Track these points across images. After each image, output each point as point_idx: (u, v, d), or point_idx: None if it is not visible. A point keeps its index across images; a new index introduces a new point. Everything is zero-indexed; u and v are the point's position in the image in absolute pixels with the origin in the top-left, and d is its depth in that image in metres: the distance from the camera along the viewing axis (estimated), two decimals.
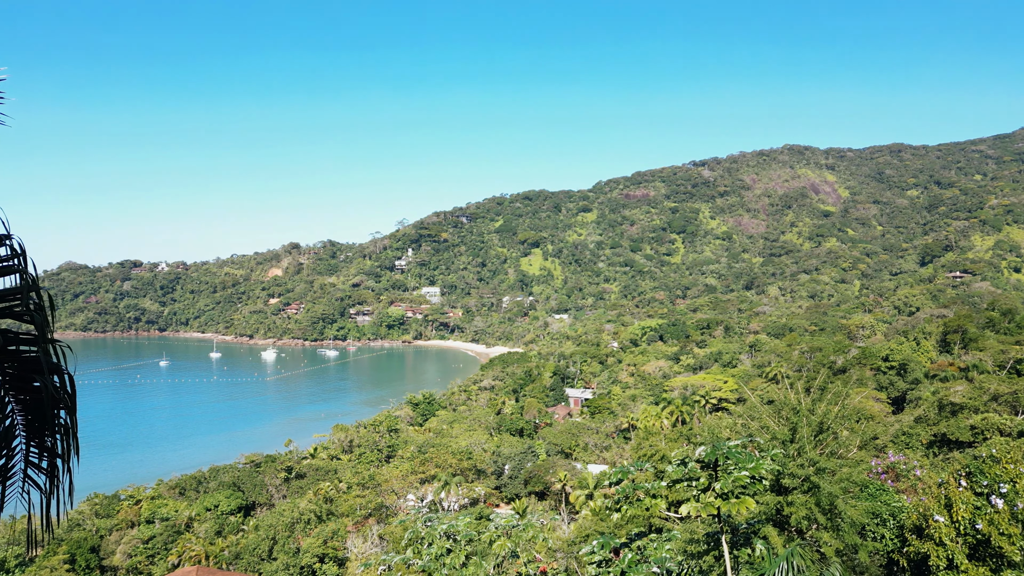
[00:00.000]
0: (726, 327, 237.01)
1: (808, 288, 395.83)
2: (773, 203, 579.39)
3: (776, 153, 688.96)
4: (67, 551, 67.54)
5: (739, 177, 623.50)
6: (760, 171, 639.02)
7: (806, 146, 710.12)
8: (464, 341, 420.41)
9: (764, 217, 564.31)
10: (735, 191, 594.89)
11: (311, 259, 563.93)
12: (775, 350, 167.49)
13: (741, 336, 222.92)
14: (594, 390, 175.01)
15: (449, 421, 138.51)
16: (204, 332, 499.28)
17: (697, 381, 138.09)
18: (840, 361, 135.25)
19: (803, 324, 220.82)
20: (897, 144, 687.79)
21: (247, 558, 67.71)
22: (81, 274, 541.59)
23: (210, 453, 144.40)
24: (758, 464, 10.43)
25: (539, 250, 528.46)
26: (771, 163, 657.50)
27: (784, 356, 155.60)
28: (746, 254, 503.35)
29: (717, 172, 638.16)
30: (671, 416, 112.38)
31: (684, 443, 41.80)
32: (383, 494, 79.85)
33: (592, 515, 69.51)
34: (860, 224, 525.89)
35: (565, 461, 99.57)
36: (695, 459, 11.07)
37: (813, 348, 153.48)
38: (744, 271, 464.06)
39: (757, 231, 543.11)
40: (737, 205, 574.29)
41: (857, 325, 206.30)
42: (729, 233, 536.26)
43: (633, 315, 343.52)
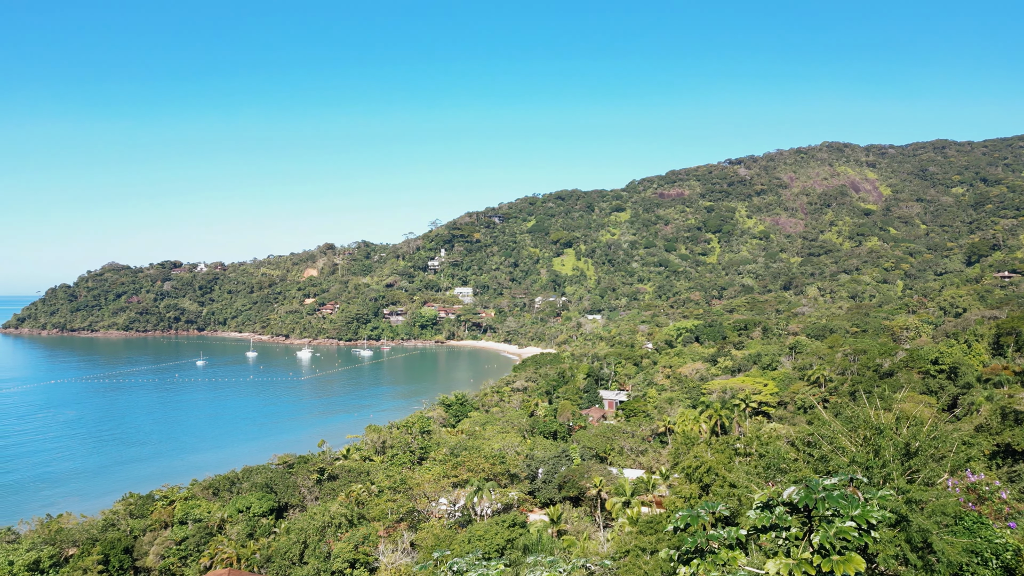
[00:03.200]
0: (764, 328, 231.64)
1: (849, 288, 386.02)
2: (812, 201, 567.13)
3: (814, 151, 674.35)
4: (101, 551, 67.58)
5: (776, 175, 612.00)
6: (798, 169, 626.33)
7: (846, 143, 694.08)
8: (496, 341, 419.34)
9: (802, 216, 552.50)
10: (772, 189, 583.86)
11: (346, 259, 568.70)
12: (817, 352, 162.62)
13: (780, 338, 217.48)
14: (629, 392, 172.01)
15: (482, 423, 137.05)
16: (241, 332, 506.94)
17: (736, 384, 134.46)
18: (886, 364, 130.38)
19: (844, 325, 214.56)
20: (941, 140, 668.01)
21: (278, 561, 66.96)
22: (123, 274, 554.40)
23: (244, 453, 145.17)
24: (866, 511, 8.47)
25: (572, 250, 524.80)
26: (809, 161, 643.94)
27: (826, 358, 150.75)
28: (784, 254, 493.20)
29: (753, 170, 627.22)
30: (710, 420, 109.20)
31: (731, 454, 39.51)
32: (415, 498, 78.55)
33: (630, 524, 67.21)
34: (903, 223, 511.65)
35: (600, 466, 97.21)
36: (782, 500, 9.11)
37: (857, 350, 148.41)
38: (782, 271, 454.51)
39: (795, 230, 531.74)
40: (774, 204, 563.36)
41: (901, 327, 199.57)
42: (766, 232, 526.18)
43: (668, 316, 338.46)
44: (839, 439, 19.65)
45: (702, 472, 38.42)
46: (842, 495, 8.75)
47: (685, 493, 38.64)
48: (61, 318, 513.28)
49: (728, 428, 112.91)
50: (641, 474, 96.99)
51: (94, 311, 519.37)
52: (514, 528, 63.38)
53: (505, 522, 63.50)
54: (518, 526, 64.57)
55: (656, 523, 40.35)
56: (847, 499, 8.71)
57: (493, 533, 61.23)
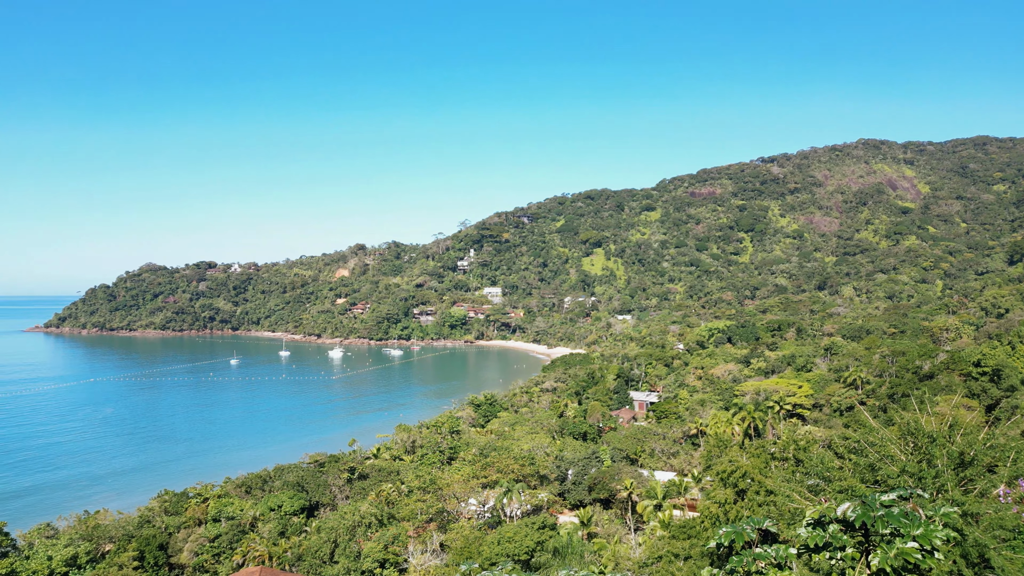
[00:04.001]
0: (798, 329, 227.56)
1: (886, 288, 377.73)
2: (847, 200, 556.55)
3: (850, 148, 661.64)
4: (136, 548, 68.65)
5: (810, 173, 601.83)
6: (833, 167, 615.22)
7: (882, 140, 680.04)
8: (525, 341, 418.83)
9: (837, 214, 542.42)
10: (806, 188, 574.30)
11: (376, 260, 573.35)
12: (853, 354, 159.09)
13: (815, 339, 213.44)
14: (660, 393, 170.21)
15: (511, 423, 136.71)
16: (274, 331, 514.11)
17: (770, 386, 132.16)
18: (926, 366, 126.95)
19: (881, 326, 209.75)
20: (982, 137, 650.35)
21: (309, 560, 67.31)
22: (160, 275, 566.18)
23: (276, 451, 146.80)
24: (928, 530, 7.79)
25: (601, 250, 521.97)
26: (845, 158, 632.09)
27: (863, 360, 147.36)
28: (818, 253, 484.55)
29: (787, 168, 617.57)
30: (743, 423, 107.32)
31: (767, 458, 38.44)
32: (444, 499, 78.42)
33: (662, 527, 66.19)
34: (942, 221, 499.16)
35: (631, 468, 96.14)
36: (836, 517, 8.46)
37: (895, 352, 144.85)
38: (816, 271, 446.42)
39: (830, 229, 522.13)
40: (808, 202, 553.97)
41: (941, 328, 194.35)
42: (800, 231, 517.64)
43: (699, 316, 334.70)
44: (887, 446, 18.65)
45: (737, 476, 37.46)
46: (902, 512, 8.07)
47: (719, 498, 37.74)
48: (100, 317, 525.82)
49: (762, 431, 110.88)
50: (673, 476, 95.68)
51: (132, 311, 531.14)
52: (544, 530, 62.84)
53: (535, 524, 62.99)
54: (548, 528, 64.00)
55: (690, 528, 39.53)
56: (908, 517, 8.02)
57: (523, 535, 60.75)
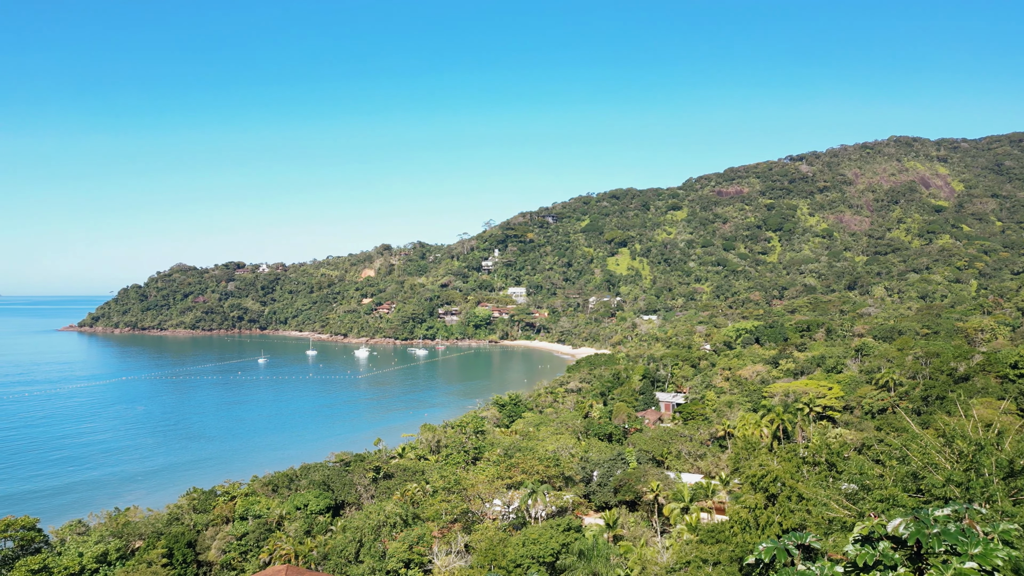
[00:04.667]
0: (828, 329, 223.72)
1: (918, 288, 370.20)
2: (878, 198, 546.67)
3: (881, 145, 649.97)
4: (165, 545, 69.39)
5: (840, 171, 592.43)
6: (863, 165, 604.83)
7: (915, 137, 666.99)
8: (550, 342, 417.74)
9: (868, 213, 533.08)
10: (836, 186, 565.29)
11: (401, 260, 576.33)
12: (885, 355, 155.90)
13: (845, 339, 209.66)
14: (686, 395, 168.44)
15: (535, 423, 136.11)
16: (301, 331, 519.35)
17: (799, 387, 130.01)
18: (961, 368, 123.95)
19: (914, 327, 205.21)
20: (1018, 133, 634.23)
21: (334, 559, 67.50)
22: (190, 275, 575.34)
23: (302, 449, 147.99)
24: (989, 549, 7.21)
25: (626, 249, 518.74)
26: (876, 156, 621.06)
27: (896, 361, 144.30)
28: (848, 252, 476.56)
29: (816, 167, 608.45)
30: (772, 425, 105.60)
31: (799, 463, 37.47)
32: (469, 499, 78.19)
33: (689, 531, 65.26)
34: (976, 220, 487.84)
35: (657, 470, 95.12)
36: (887, 533, 7.87)
37: (929, 353, 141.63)
38: (846, 270, 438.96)
39: (860, 228, 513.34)
40: (838, 201, 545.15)
41: (976, 328, 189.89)
42: (830, 230, 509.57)
43: (727, 316, 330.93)
44: (931, 454, 17.72)
45: (768, 481, 36.57)
46: (960, 530, 7.47)
47: (750, 503, 36.86)
48: (132, 317, 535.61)
49: (791, 433, 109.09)
50: (699, 479, 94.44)
51: (163, 310, 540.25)
52: (569, 532, 62.26)
53: (560, 526, 62.45)
54: (573, 530, 63.42)
55: (719, 533, 38.71)
56: (966, 535, 7.42)
57: (548, 537, 60.24)
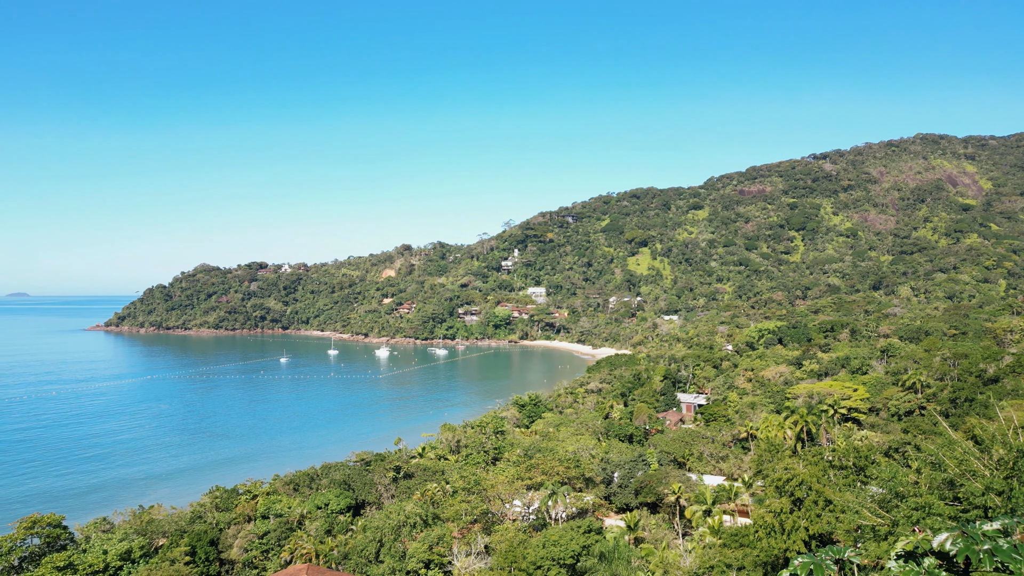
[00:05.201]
0: (852, 330, 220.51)
1: (945, 288, 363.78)
2: (904, 197, 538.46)
3: (907, 143, 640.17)
4: (188, 543, 69.89)
5: (865, 170, 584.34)
6: (889, 163, 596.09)
7: (941, 135, 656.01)
8: (570, 342, 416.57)
9: (893, 212, 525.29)
10: (860, 185, 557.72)
11: (422, 260, 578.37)
12: (912, 356, 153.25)
13: (870, 340, 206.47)
14: (708, 396, 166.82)
15: (555, 424, 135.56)
16: (323, 330, 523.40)
17: (823, 388, 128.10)
18: (991, 369, 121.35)
19: (941, 327, 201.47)
20: None
21: (355, 559, 67.60)
22: (214, 275, 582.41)
23: (323, 448, 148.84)
24: None
25: (647, 249, 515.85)
26: (901, 154, 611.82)
27: (923, 363, 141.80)
28: (873, 252, 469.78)
29: (840, 165, 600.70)
30: (795, 427, 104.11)
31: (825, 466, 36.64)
32: (489, 500, 77.95)
33: (711, 533, 64.42)
34: (1005, 218, 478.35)
35: (679, 471, 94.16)
36: (932, 549, 7.42)
37: (957, 354, 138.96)
38: (871, 270, 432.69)
39: (885, 227, 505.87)
40: (863, 200, 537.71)
41: (1005, 329, 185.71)
42: (854, 229, 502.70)
43: (749, 317, 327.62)
44: (969, 460, 16.97)
45: (794, 485, 35.78)
46: (1012, 546, 6.97)
47: (775, 507, 36.09)
48: (157, 316, 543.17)
49: (815, 435, 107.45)
50: (722, 481, 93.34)
51: (187, 310, 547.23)
52: (590, 534, 61.76)
53: (581, 528, 61.98)
54: (594, 532, 62.90)
55: (742, 536, 38.01)
56: (1019, 552, 6.91)
57: (568, 539, 59.78)
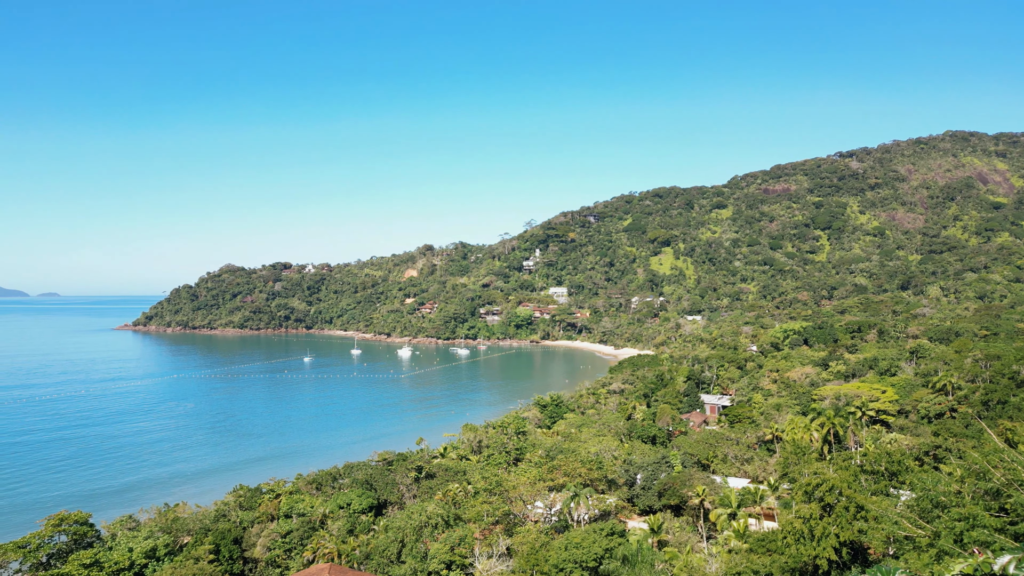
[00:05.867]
0: (880, 331, 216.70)
1: (976, 288, 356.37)
2: (933, 195, 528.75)
3: (936, 141, 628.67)
4: (212, 541, 70.44)
5: (893, 168, 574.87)
6: (917, 161, 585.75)
7: (971, 132, 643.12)
8: (592, 342, 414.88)
9: (922, 211, 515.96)
10: (888, 183, 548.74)
11: (444, 260, 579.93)
12: (942, 357, 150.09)
13: (898, 341, 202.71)
14: (732, 397, 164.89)
15: (577, 425, 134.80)
16: (346, 330, 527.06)
17: (851, 390, 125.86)
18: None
19: (972, 328, 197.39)
20: None
21: (377, 559, 67.60)
22: (239, 275, 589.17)
23: (346, 448, 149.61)
24: None
25: (670, 249, 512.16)
26: (930, 152, 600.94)
27: (953, 364, 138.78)
28: (901, 251, 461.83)
29: (867, 163, 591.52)
30: (822, 429, 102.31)
31: (856, 471, 35.62)
32: (510, 501, 77.54)
33: (736, 537, 63.41)
34: None
35: (703, 473, 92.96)
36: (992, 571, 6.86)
37: (989, 356, 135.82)
38: (899, 269, 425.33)
39: (914, 226, 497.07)
40: (890, 198, 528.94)
41: None
42: (881, 228, 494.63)
43: (774, 317, 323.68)
44: (1016, 469, 16.15)
45: (824, 490, 34.87)
46: None
47: (804, 513, 35.20)
48: (184, 316, 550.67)
49: (842, 438, 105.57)
50: (746, 483, 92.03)
51: (213, 310, 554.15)
52: (613, 537, 61.07)
53: (603, 530, 61.31)
54: (617, 535, 62.20)
55: (770, 542, 37.13)
56: None
57: (591, 541, 59.17)
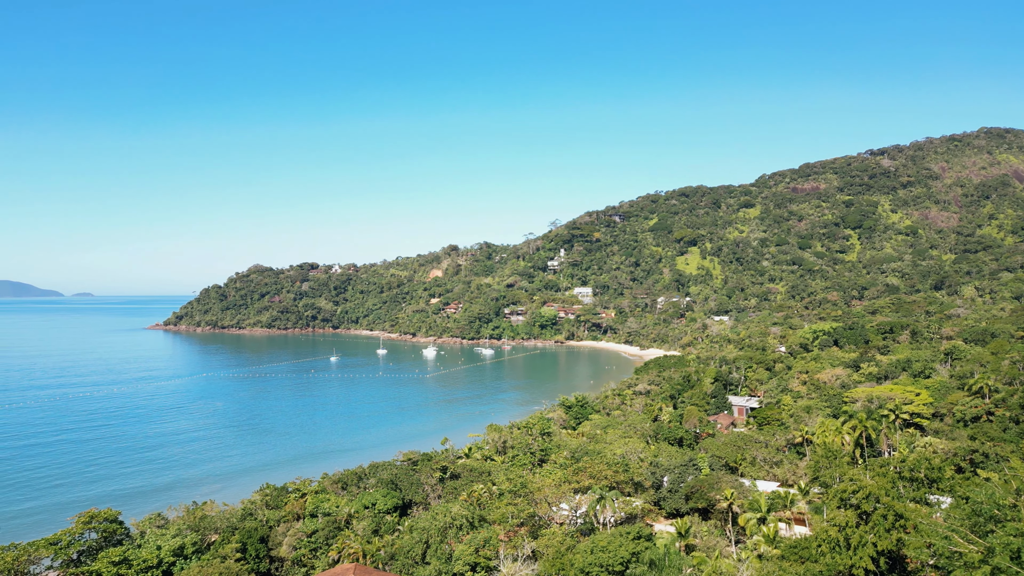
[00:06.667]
0: (913, 331, 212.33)
1: (1012, 288, 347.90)
2: (967, 193, 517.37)
3: (970, 138, 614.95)
4: (239, 540, 70.92)
5: (925, 165, 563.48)
6: (951, 158, 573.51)
7: (1007, 128, 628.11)
8: (617, 342, 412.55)
9: (956, 209, 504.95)
10: (921, 181, 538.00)
11: (468, 260, 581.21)
12: (979, 359, 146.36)
13: (932, 342, 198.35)
14: (760, 399, 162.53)
15: (603, 426, 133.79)
16: (372, 330, 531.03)
17: (883, 392, 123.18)
18: None
19: (1009, 329, 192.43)
20: None
21: (401, 560, 67.50)
22: (267, 275, 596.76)
23: (371, 447, 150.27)
24: None
25: (696, 248, 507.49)
26: (964, 149, 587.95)
27: (990, 366, 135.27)
28: (935, 250, 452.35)
29: (899, 161, 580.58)
30: (854, 432, 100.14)
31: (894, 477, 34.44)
32: (535, 503, 77.00)
33: (766, 542, 62.16)
34: None
35: (731, 476, 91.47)
36: None
37: None
38: (932, 269, 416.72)
39: (947, 225, 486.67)
40: (923, 196, 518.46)
41: None
42: (914, 227, 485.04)
43: (802, 317, 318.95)
44: None
45: (860, 498, 33.75)
46: None
47: (840, 521, 34.12)
48: (213, 316, 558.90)
49: (875, 441, 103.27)
50: (776, 487, 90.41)
51: (241, 310, 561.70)
52: (639, 541, 60.21)
53: (630, 534, 60.49)
54: (643, 539, 61.32)
55: (802, 550, 36.08)
56: None
57: (617, 545, 58.40)
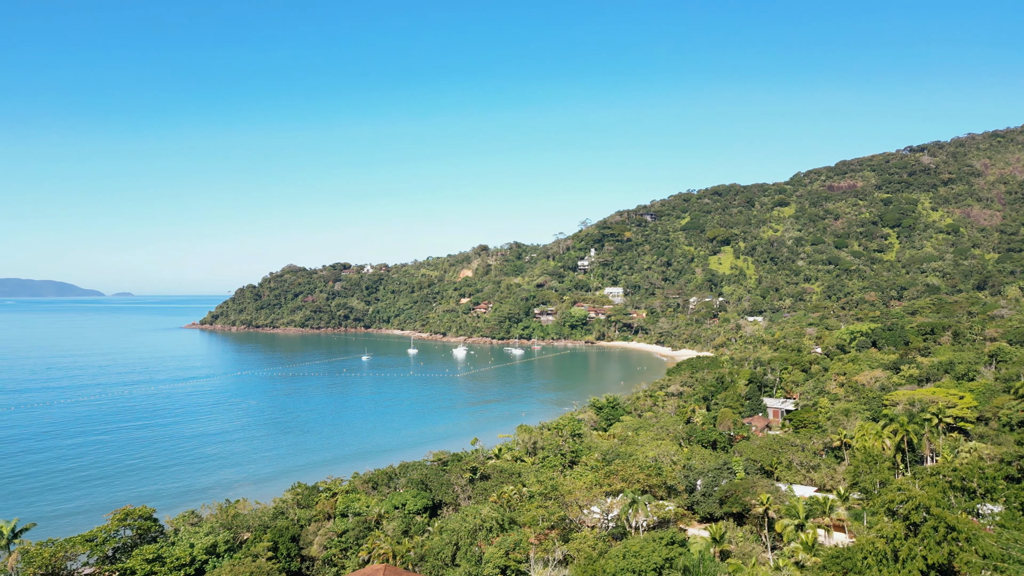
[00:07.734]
0: (955, 333, 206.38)
1: None
2: (1011, 191, 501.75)
3: (1014, 133, 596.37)
4: (271, 539, 71.26)
5: (967, 162, 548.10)
6: (994, 155, 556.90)
7: None
8: (648, 343, 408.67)
9: (999, 207, 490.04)
10: (962, 178, 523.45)
11: (498, 260, 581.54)
12: None
13: (975, 343, 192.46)
14: (796, 401, 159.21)
15: (634, 428, 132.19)
16: (403, 329, 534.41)
17: (925, 395, 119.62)
18: None
19: None
20: None
21: (431, 561, 67.16)
22: (300, 275, 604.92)
23: (401, 447, 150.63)
24: None
25: (730, 248, 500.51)
26: (1008, 145, 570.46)
27: None
28: (977, 249, 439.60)
29: (939, 158, 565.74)
30: (895, 436, 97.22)
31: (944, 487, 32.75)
32: (566, 506, 76.04)
33: (804, 550, 60.37)
34: None
35: (767, 481, 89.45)
36: None
37: None
38: (975, 269, 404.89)
39: (991, 223, 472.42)
40: (965, 194, 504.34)
41: None
42: (955, 226, 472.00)
43: (839, 318, 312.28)
44: None
45: (909, 508, 32.24)
46: None
47: (887, 532, 32.65)
48: (248, 315, 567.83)
49: (916, 446, 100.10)
50: (813, 492, 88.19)
51: (275, 309, 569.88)
52: (673, 546, 58.86)
53: (663, 539, 59.17)
54: (677, 544, 59.96)
55: (845, 560, 34.64)
56: None
57: (650, 550, 57.15)
